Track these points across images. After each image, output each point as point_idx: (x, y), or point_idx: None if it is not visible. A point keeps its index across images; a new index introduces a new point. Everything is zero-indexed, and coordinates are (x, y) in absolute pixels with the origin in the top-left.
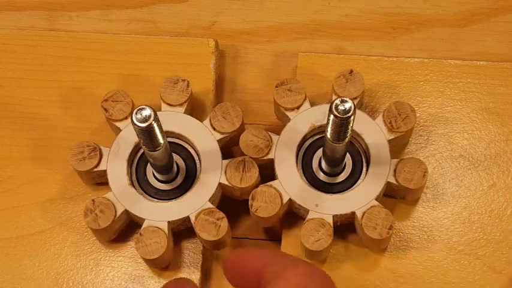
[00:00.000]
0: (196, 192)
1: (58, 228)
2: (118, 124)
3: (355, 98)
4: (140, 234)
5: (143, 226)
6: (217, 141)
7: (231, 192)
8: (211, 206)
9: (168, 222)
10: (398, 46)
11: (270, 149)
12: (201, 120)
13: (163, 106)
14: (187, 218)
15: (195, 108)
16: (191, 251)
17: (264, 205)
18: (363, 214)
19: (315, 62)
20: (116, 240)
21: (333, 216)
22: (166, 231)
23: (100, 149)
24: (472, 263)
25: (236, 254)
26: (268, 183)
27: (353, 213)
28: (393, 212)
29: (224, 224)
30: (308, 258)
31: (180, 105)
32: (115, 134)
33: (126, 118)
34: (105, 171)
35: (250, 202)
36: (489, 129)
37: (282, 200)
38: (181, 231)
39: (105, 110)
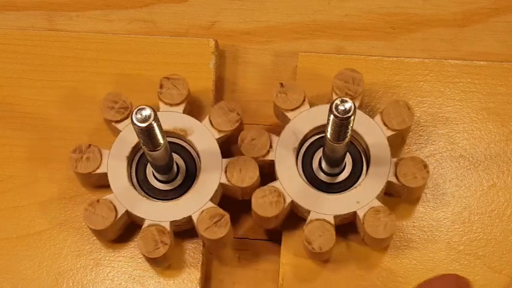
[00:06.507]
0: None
1: (58, 228)
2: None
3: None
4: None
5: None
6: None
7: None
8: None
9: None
10: (398, 46)
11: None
12: (201, 121)
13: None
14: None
15: (195, 108)
16: (191, 251)
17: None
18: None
19: (315, 62)
20: (116, 240)
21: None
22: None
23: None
24: (472, 263)
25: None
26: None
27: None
28: (393, 212)
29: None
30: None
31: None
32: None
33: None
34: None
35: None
36: (489, 129)
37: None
38: (182, 231)
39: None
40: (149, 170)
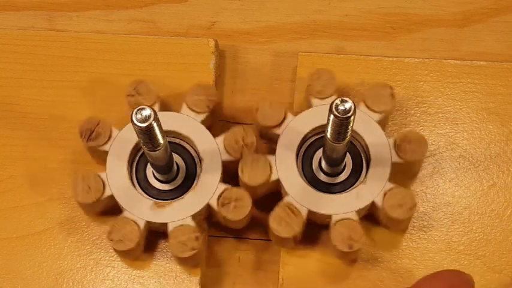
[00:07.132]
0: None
1: (58, 228)
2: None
3: None
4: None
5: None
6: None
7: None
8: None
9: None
10: (398, 46)
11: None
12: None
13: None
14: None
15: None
16: None
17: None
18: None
19: (315, 62)
20: None
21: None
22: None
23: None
24: (472, 263)
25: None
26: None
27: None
28: None
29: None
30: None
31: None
32: None
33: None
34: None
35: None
36: (489, 129)
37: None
38: None
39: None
40: (149, 169)
